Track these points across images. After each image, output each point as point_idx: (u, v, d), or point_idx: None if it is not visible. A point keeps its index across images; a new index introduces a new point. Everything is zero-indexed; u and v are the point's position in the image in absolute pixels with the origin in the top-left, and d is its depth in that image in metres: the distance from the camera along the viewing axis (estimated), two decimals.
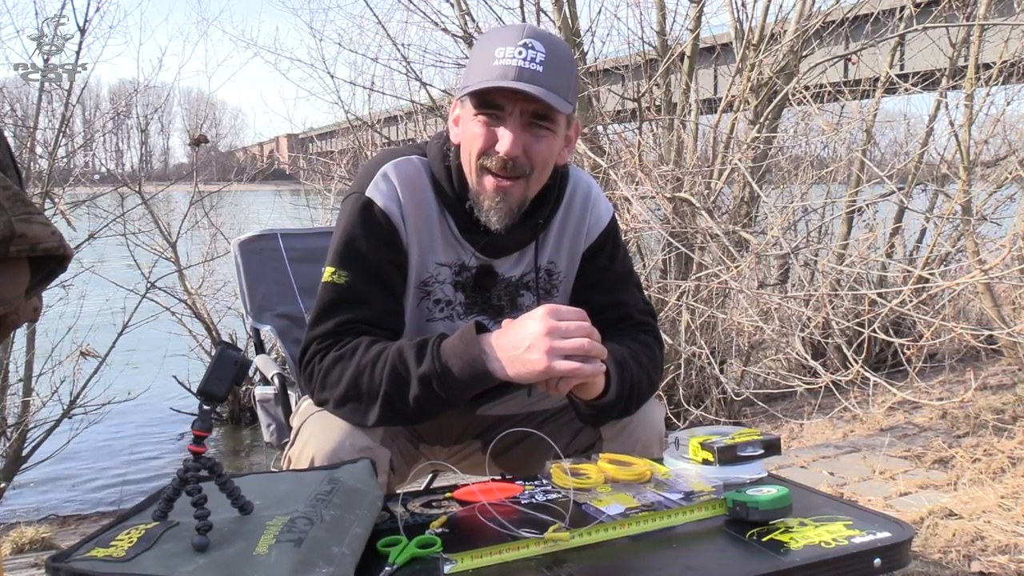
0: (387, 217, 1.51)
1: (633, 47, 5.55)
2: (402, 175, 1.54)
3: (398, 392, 1.36)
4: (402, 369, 1.35)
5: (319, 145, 13.19)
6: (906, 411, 4.44)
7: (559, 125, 1.49)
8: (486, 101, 1.44)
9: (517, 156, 1.44)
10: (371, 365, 1.37)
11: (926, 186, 6.10)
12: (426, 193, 1.55)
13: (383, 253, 1.51)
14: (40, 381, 5.58)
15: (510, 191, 1.47)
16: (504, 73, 1.40)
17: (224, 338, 7.09)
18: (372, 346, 1.40)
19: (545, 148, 1.47)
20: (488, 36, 1.52)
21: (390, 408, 1.37)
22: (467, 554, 1.05)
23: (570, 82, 1.47)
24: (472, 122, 1.46)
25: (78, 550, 1.02)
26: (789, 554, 1.07)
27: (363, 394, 1.38)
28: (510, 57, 1.40)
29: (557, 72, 1.42)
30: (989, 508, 2.82)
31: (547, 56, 1.41)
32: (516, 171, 1.45)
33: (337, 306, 1.48)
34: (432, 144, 1.60)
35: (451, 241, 1.56)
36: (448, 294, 1.59)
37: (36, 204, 0.99)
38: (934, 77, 5.47)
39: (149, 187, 7.08)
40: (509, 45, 1.41)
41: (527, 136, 1.44)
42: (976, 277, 4.54)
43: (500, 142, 1.43)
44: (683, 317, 4.49)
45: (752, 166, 4.90)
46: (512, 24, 1.46)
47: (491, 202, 1.47)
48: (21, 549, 3.18)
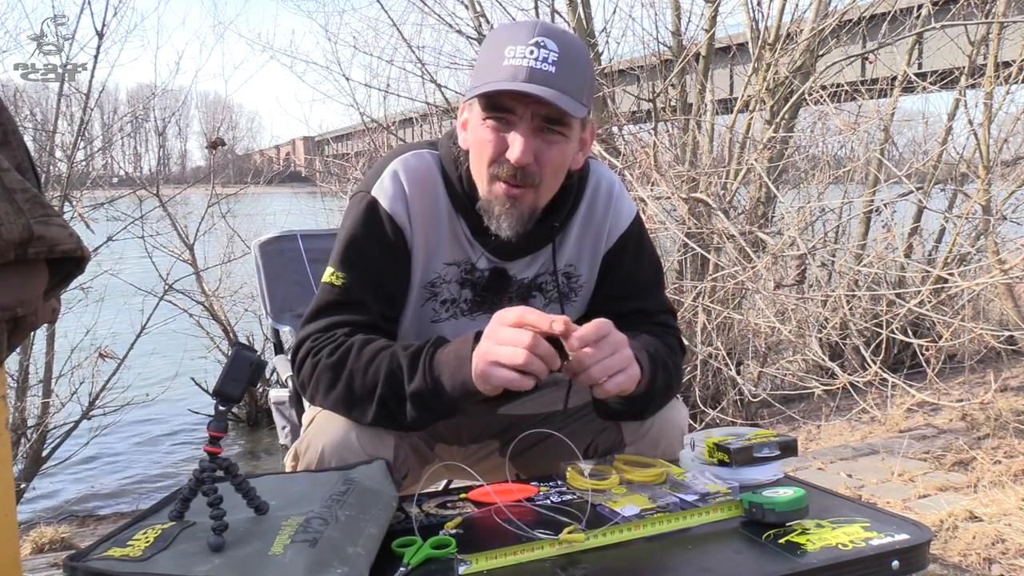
0: (391, 219, 1.47)
1: (648, 47, 5.56)
2: (411, 172, 1.49)
3: (394, 398, 1.33)
4: (396, 381, 1.32)
5: (335, 147, 13.22)
6: (925, 413, 4.40)
7: (572, 129, 1.42)
8: (495, 104, 1.37)
9: (528, 164, 1.38)
10: (363, 371, 1.34)
11: (945, 185, 6.06)
12: (437, 190, 1.50)
13: (385, 256, 1.48)
14: (59, 383, 5.64)
15: (520, 198, 1.41)
16: (514, 74, 1.33)
17: (241, 340, 7.13)
18: (364, 348, 1.37)
19: (557, 155, 1.41)
20: (498, 33, 1.44)
21: (386, 411, 1.35)
22: (482, 555, 1.05)
23: (584, 83, 1.40)
24: (481, 127, 1.40)
25: (95, 550, 1.03)
26: (806, 556, 1.06)
27: (357, 399, 1.36)
28: (521, 57, 1.33)
29: (571, 73, 1.36)
30: (1010, 511, 2.78)
31: (560, 56, 1.34)
32: (527, 180, 1.40)
33: (332, 307, 1.45)
34: (443, 142, 1.55)
35: (461, 241, 1.52)
36: (454, 292, 1.55)
37: (54, 207, 1.00)
38: (952, 75, 5.42)
39: (167, 190, 7.16)
40: (520, 44, 1.34)
41: (538, 142, 1.38)
42: (996, 277, 4.50)
43: (511, 149, 1.37)
44: (699, 318, 4.47)
45: (769, 166, 4.89)
46: (524, 20, 1.37)
47: (501, 208, 1.41)
48: (41, 549, 3.21)
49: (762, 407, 4.84)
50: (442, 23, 5.66)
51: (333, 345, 1.39)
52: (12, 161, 0.99)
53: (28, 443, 5.32)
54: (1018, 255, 4.56)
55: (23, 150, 1.04)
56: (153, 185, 6.97)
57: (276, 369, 2.21)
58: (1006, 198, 5.55)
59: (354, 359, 1.36)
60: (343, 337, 1.40)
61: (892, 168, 5.39)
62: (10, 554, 1.01)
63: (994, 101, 5.31)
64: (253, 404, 7.20)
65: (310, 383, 1.41)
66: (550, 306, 1.61)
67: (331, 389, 1.38)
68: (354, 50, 10.28)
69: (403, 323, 1.56)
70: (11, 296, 0.96)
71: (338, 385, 1.37)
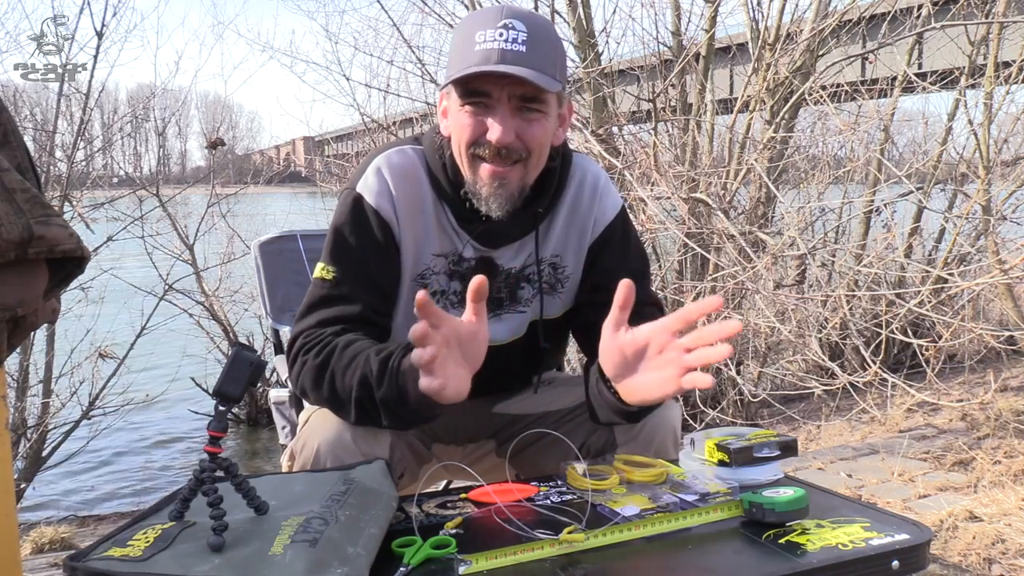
0: (377, 213, 1.49)
1: (648, 47, 5.55)
2: (394, 167, 1.51)
3: (369, 402, 1.32)
4: (368, 386, 1.31)
5: (335, 147, 13.23)
6: (925, 413, 4.40)
7: (550, 105, 1.44)
8: (471, 89, 1.40)
9: (511, 143, 1.40)
10: (342, 372, 1.34)
11: (945, 185, 6.05)
12: (420, 184, 1.52)
13: (373, 251, 1.49)
14: (59, 383, 5.64)
15: (507, 176, 1.43)
16: (486, 57, 1.35)
17: (241, 340, 7.13)
18: (347, 349, 1.37)
19: (539, 131, 1.42)
20: (467, 21, 1.46)
21: (364, 414, 1.35)
22: (482, 555, 1.05)
23: (556, 58, 1.42)
24: (459, 113, 1.42)
25: (95, 550, 1.03)
26: (806, 556, 1.06)
27: (339, 400, 1.36)
28: (491, 40, 1.35)
29: (542, 50, 1.38)
30: (1010, 511, 2.78)
31: (529, 35, 1.36)
32: (512, 156, 1.41)
33: (323, 302, 1.47)
34: (427, 135, 1.58)
35: (447, 231, 1.54)
36: (443, 284, 1.56)
37: (54, 207, 1.00)
38: (952, 76, 5.42)
39: (167, 190, 7.16)
40: (489, 28, 1.36)
41: (518, 121, 1.40)
42: (996, 277, 4.50)
43: (491, 131, 1.39)
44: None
45: (768, 166, 4.89)
46: (490, 6, 1.39)
47: (489, 189, 1.43)
48: (41, 549, 3.21)
49: (762, 407, 4.84)
50: (442, 23, 5.66)
51: (320, 345, 1.40)
52: (12, 161, 0.99)
53: (28, 443, 5.32)
54: (1018, 255, 4.56)
55: (23, 150, 1.04)
56: (153, 185, 6.97)
57: (276, 369, 2.22)
58: (1006, 198, 5.55)
59: (336, 360, 1.37)
60: (331, 336, 1.41)
61: (892, 168, 5.39)
62: (10, 554, 1.00)
63: (994, 101, 5.31)
64: (253, 404, 7.21)
65: (298, 381, 1.43)
66: (537, 297, 1.61)
67: (316, 389, 1.39)
68: (354, 50, 10.31)
69: (397, 318, 1.56)
70: (11, 296, 0.96)
71: (323, 385, 1.38)
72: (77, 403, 5.70)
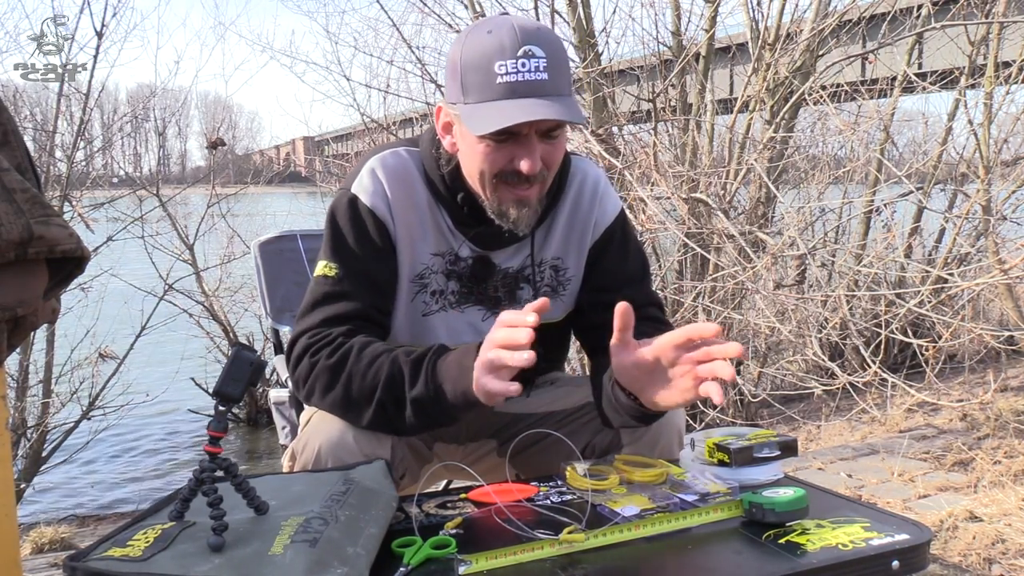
0: (372, 213, 1.49)
1: (648, 47, 5.54)
2: (389, 169, 1.52)
3: (392, 403, 1.33)
4: (397, 386, 1.32)
5: (335, 148, 13.23)
6: (925, 413, 4.40)
7: (565, 124, 1.45)
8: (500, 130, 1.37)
9: (540, 170, 1.41)
10: (362, 374, 1.34)
11: (945, 185, 6.05)
12: (415, 185, 1.53)
13: (370, 250, 1.49)
14: (59, 383, 5.65)
15: (531, 197, 1.44)
16: (512, 90, 1.34)
17: (241, 340, 7.14)
18: (365, 350, 1.37)
19: (560, 151, 1.45)
20: (479, 42, 1.38)
21: (383, 416, 1.35)
22: (482, 555, 1.05)
23: (569, 74, 1.42)
24: (480, 144, 1.40)
25: (95, 550, 1.03)
26: (806, 556, 1.06)
27: (354, 402, 1.36)
28: (514, 71, 1.34)
29: (560, 72, 1.37)
30: (1010, 511, 2.78)
31: (548, 60, 1.35)
32: (535, 180, 1.43)
33: (326, 299, 1.46)
34: (424, 139, 1.57)
35: (444, 232, 1.54)
36: (441, 283, 1.57)
37: (54, 207, 1.00)
38: (952, 76, 5.42)
39: (167, 190, 7.17)
40: (508, 58, 1.34)
41: (543, 147, 1.41)
42: (996, 277, 4.50)
43: (522, 163, 1.39)
44: (699, 318, 4.47)
45: (768, 166, 4.88)
46: (499, 26, 1.33)
47: (517, 212, 1.44)
48: (41, 549, 3.21)
49: (762, 407, 4.84)
50: (442, 23, 5.65)
51: (333, 346, 1.39)
52: (12, 161, 0.99)
53: (28, 443, 5.32)
54: (1018, 255, 4.56)
55: (23, 150, 1.04)
56: (153, 185, 6.98)
57: (276, 369, 2.22)
58: (1006, 198, 5.55)
59: (354, 361, 1.36)
60: (343, 337, 1.41)
61: (892, 168, 5.39)
62: (10, 554, 1.00)
63: (994, 101, 5.31)
64: (253, 404, 7.21)
65: (306, 382, 1.41)
66: (537, 297, 1.61)
67: (328, 390, 1.38)
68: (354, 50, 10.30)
69: (396, 318, 1.56)
70: (11, 296, 0.96)
71: (336, 387, 1.37)
72: (77, 403, 5.71)
